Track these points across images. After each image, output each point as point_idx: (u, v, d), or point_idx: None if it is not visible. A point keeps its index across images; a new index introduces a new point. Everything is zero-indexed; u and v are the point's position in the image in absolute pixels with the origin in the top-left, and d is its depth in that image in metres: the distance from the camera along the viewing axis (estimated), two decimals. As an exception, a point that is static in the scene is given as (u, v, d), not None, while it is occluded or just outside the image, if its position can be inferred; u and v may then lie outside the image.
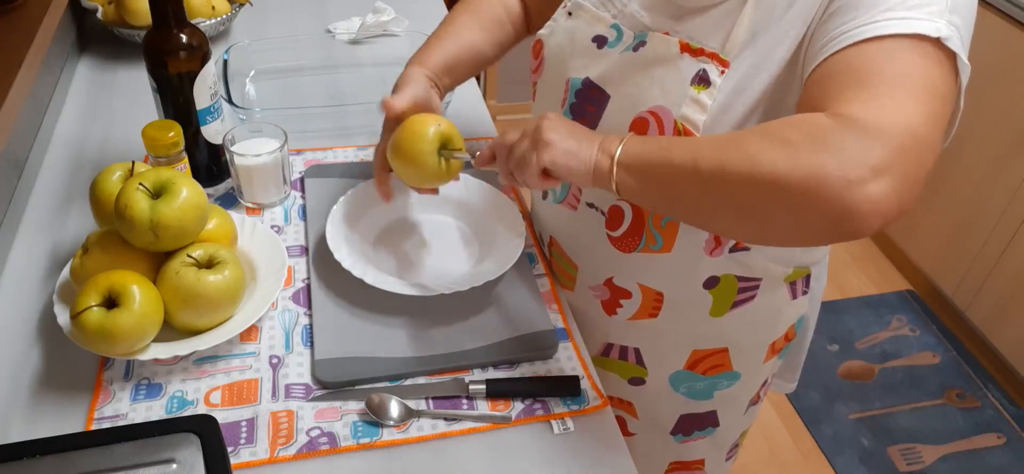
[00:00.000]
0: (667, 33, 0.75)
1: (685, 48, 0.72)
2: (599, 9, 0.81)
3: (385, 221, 0.97)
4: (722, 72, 0.70)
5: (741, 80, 0.70)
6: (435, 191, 0.92)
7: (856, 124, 0.57)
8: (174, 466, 0.57)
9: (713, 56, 0.71)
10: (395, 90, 0.88)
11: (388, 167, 0.87)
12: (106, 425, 0.72)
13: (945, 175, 2.17)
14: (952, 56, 0.61)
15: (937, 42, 0.60)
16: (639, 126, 0.75)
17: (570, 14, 0.84)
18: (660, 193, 0.67)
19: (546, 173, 0.71)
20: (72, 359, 0.78)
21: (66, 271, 0.81)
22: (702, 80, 0.71)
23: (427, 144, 0.81)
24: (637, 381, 0.96)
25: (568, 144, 0.69)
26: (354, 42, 1.39)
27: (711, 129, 0.71)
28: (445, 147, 0.82)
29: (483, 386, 0.77)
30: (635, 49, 0.76)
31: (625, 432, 1.02)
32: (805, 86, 0.65)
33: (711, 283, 0.84)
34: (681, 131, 0.72)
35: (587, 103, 0.80)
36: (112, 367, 0.78)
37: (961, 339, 2.22)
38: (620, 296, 0.89)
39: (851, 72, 0.61)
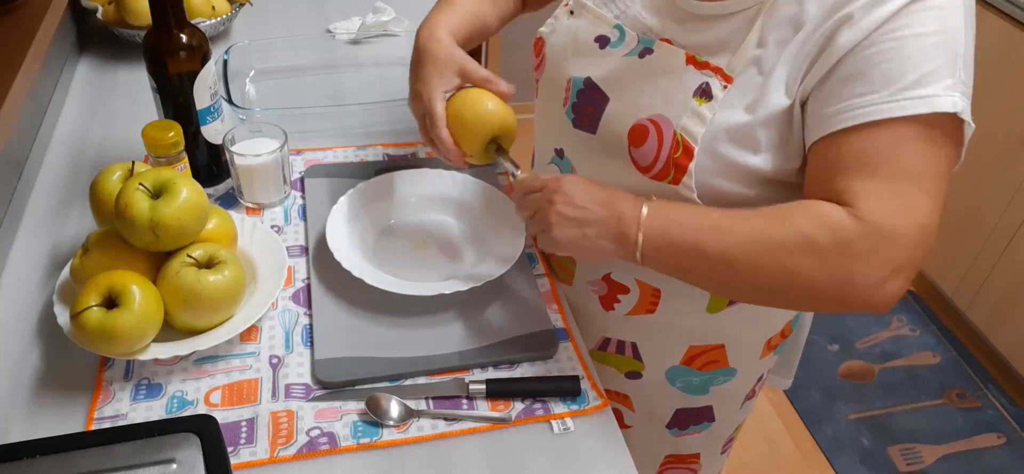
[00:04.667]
0: (670, 41, 0.75)
1: (691, 60, 0.73)
2: (601, 8, 0.81)
3: (385, 221, 0.97)
4: (724, 87, 0.70)
5: (747, 103, 0.70)
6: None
7: (877, 230, 0.63)
8: (174, 466, 0.57)
9: (717, 71, 0.71)
10: (424, 59, 0.85)
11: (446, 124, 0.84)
12: (106, 425, 0.72)
13: (945, 175, 2.17)
14: (961, 121, 0.63)
15: (952, 115, 0.62)
16: (638, 132, 0.75)
17: (572, 13, 0.84)
18: (687, 278, 0.73)
19: None
20: (72, 359, 0.78)
21: (66, 271, 0.81)
22: (704, 93, 0.71)
23: (482, 131, 0.82)
24: (634, 375, 0.96)
25: (578, 245, 0.74)
26: (354, 42, 1.39)
27: (712, 147, 0.71)
28: (496, 139, 0.83)
29: (483, 386, 0.77)
30: (640, 55, 0.76)
31: (621, 424, 1.02)
32: (816, 152, 0.67)
33: None
34: (680, 142, 0.72)
35: (587, 103, 0.80)
36: (112, 367, 0.78)
37: (961, 339, 2.22)
38: (618, 291, 0.89)
39: (865, 159, 0.64)
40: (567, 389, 0.79)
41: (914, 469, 1.86)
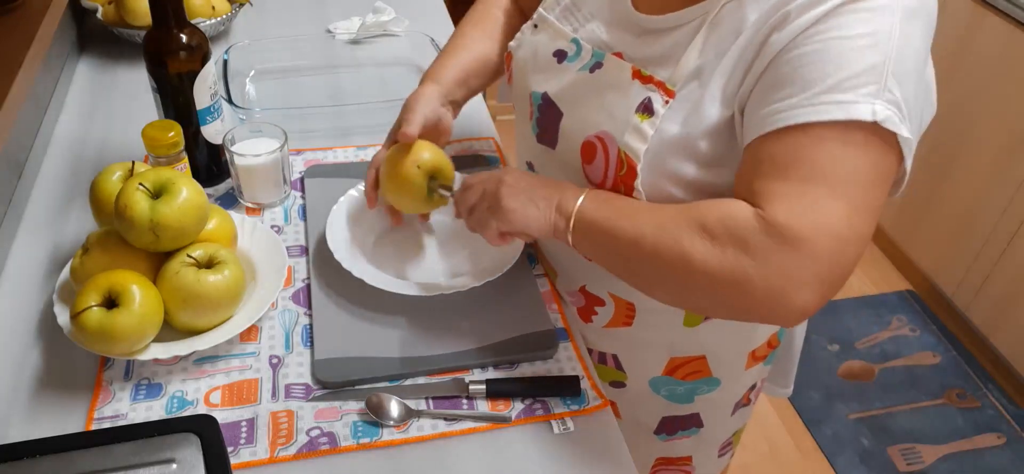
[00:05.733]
0: (621, 56, 0.74)
1: (636, 74, 0.72)
2: (561, 23, 0.81)
3: (385, 221, 0.97)
4: (666, 102, 0.70)
5: (688, 115, 0.69)
6: (425, 217, 0.97)
7: (779, 232, 0.60)
8: (174, 466, 0.57)
9: (660, 85, 0.70)
10: (406, 109, 0.88)
11: (377, 183, 0.89)
12: (106, 425, 0.72)
13: (945, 175, 2.17)
14: (892, 133, 0.60)
15: (874, 123, 0.59)
16: (587, 150, 0.76)
17: (536, 27, 0.84)
18: (608, 260, 0.72)
19: (504, 234, 0.77)
20: (72, 359, 0.78)
21: (66, 271, 0.81)
22: (646, 109, 0.70)
23: (416, 177, 0.83)
24: (618, 384, 0.96)
25: (526, 212, 0.74)
26: (354, 42, 1.39)
27: (656, 164, 0.71)
28: (434, 178, 0.84)
29: (483, 386, 0.77)
30: (591, 70, 0.76)
31: (609, 429, 1.01)
32: (744, 155, 0.66)
33: None
34: (623, 160, 0.72)
35: (547, 119, 0.81)
36: (112, 367, 0.78)
37: (961, 339, 2.22)
38: (594, 303, 0.89)
39: (780, 162, 0.62)
40: (567, 389, 0.79)
41: (914, 469, 1.86)
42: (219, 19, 1.32)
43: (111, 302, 0.72)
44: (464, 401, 0.78)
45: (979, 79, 2.02)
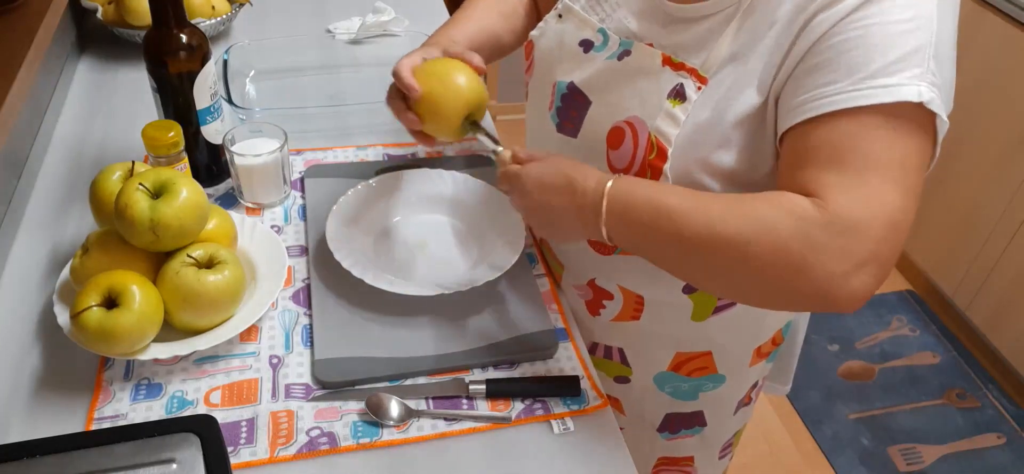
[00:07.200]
0: (651, 45, 0.74)
1: (667, 61, 0.72)
2: (587, 13, 0.81)
3: (385, 221, 0.97)
4: (699, 88, 0.70)
5: (720, 102, 0.69)
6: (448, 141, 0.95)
7: (840, 220, 0.60)
8: (174, 466, 0.57)
9: (692, 72, 0.70)
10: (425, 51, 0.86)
11: (403, 97, 0.84)
12: (106, 425, 0.72)
13: (945, 175, 2.17)
14: (932, 113, 0.61)
15: (919, 105, 0.60)
16: (615, 135, 0.75)
17: (560, 16, 0.84)
18: (651, 258, 0.70)
19: None
20: (72, 359, 0.78)
21: (66, 271, 0.81)
22: (678, 94, 0.71)
23: (457, 108, 0.81)
24: (622, 379, 0.96)
25: (550, 232, 0.76)
26: (354, 42, 1.39)
27: (686, 149, 0.71)
28: (471, 116, 0.82)
29: (483, 386, 0.78)
30: (619, 58, 0.76)
31: (612, 427, 1.02)
32: (784, 142, 0.66)
33: (690, 288, 0.84)
34: (654, 144, 0.72)
35: (571, 108, 0.81)
36: (112, 367, 0.78)
37: (961, 339, 2.22)
38: (603, 297, 0.89)
39: (831, 149, 0.62)
40: (567, 389, 0.79)
41: (914, 469, 1.86)
42: (219, 19, 1.32)
43: (111, 302, 0.72)
44: (464, 401, 0.78)
45: (979, 79, 2.02)
